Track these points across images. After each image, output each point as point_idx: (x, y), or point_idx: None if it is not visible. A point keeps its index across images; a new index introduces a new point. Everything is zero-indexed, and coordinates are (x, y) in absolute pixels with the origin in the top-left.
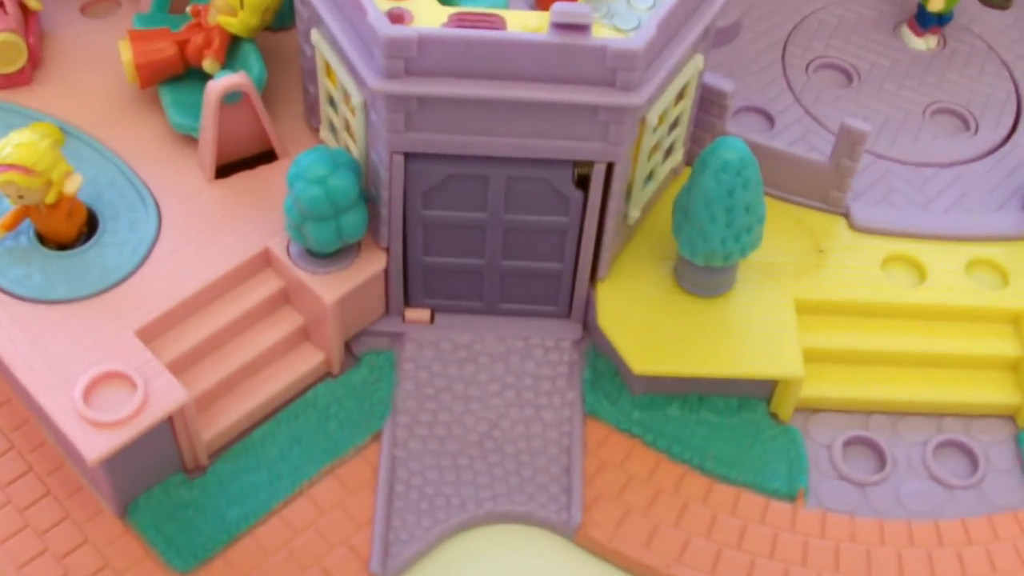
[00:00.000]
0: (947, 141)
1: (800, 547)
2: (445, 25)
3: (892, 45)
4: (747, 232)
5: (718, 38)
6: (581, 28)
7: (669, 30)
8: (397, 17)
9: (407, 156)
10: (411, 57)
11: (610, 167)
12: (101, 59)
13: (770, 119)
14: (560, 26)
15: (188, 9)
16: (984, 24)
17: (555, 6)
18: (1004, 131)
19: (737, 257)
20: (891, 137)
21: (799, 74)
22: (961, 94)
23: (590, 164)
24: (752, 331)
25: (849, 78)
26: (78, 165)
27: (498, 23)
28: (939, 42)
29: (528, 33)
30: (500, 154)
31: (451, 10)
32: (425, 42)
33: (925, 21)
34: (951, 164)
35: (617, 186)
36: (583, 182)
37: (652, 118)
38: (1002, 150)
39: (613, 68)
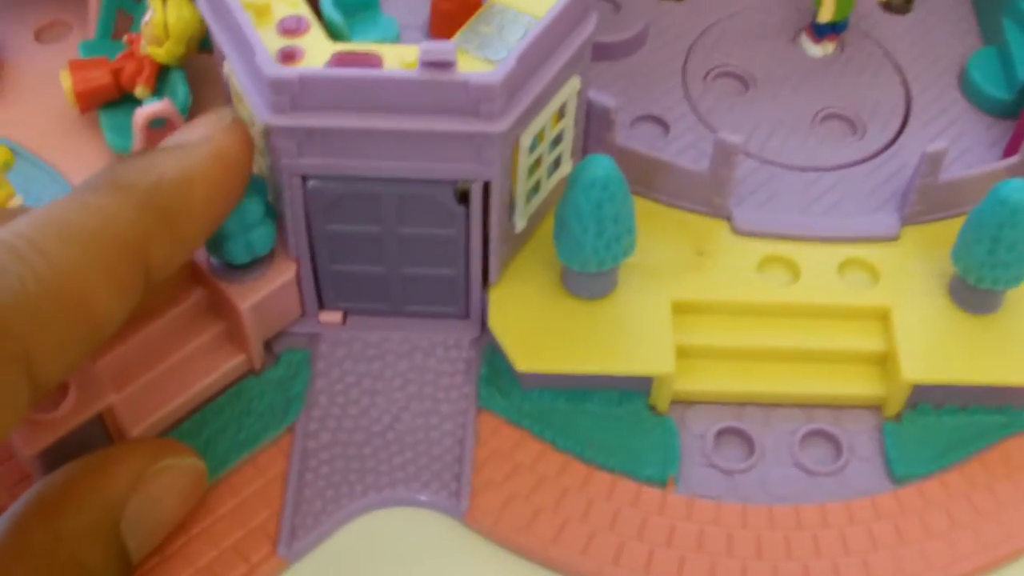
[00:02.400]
0: (833, 146)
1: (667, 530)
2: (327, 64)
3: (791, 52)
4: (617, 241)
5: (623, 48)
6: (446, 65)
7: (531, 62)
8: (289, 55)
9: (304, 177)
10: (295, 94)
11: (487, 184)
12: (53, 83)
13: (666, 127)
14: (427, 64)
15: (124, 38)
16: (882, 29)
17: (422, 45)
18: (890, 135)
19: (610, 264)
20: (779, 142)
21: (698, 82)
22: (852, 99)
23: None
24: (629, 331)
25: (745, 85)
26: (27, 184)
27: (375, 61)
28: (837, 48)
29: (399, 70)
30: (387, 175)
31: (336, 47)
32: (307, 81)
33: (820, 30)
34: (835, 168)
35: (496, 201)
36: (465, 197)
37: (526, 140)
38: (886, 154)
39: (476, 100)
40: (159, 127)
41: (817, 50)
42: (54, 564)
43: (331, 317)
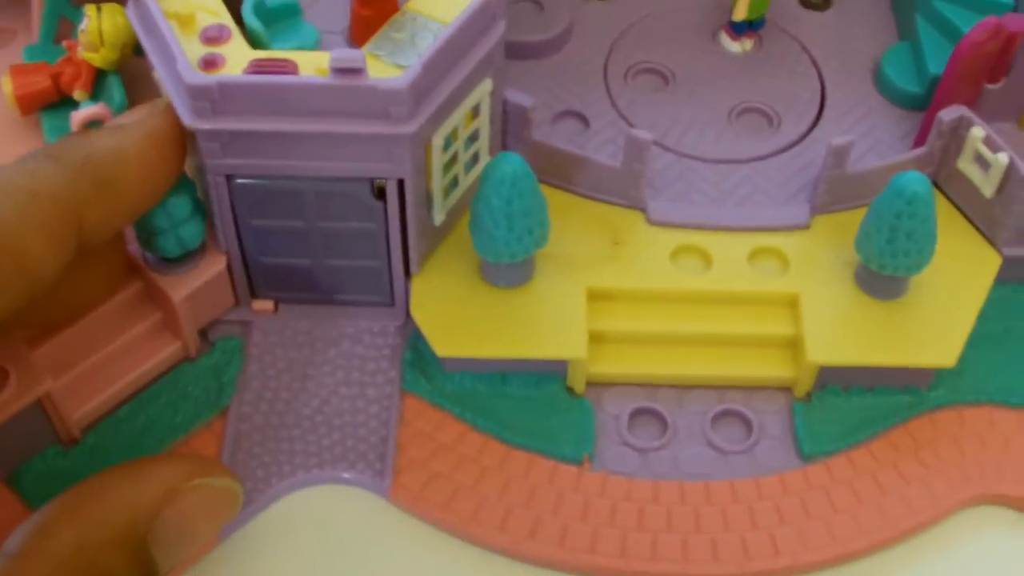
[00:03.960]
0: (748, 139)
1: (581, 505)
2: (245, 71)
3: (711, 49)
4: (528, 234)
5: (547, 47)
6: (356, 72)
7: (438, 67)
8: (210, 63)
9: (228, 176)
10: (215, 100)
11: (401, 181)
12: None
13: (587, 122)
14: (338, 71)
15: (63, 44)
16: (801, 25)
17: (333, 53)
18: (804, 128)
19: (522, 255)
20: (696, 136)
21: (619, 79)
22: (769, 94)
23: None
24: (544, 318)
25: (666, 81)
26: None
27: (290, 68)
28: (755, 44)
29: (312, 76)
30: (307, 174)
31: (255, 54)
32: (225, 88)
33: (738, 27)
34: (750, 160)
35: (412, 197)
36: (382, 194)
37: (438, 140)
38: (799, 146)
39: (384, 104)
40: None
41: (736, 47)
42: (74, 570)
43: (263, 306)
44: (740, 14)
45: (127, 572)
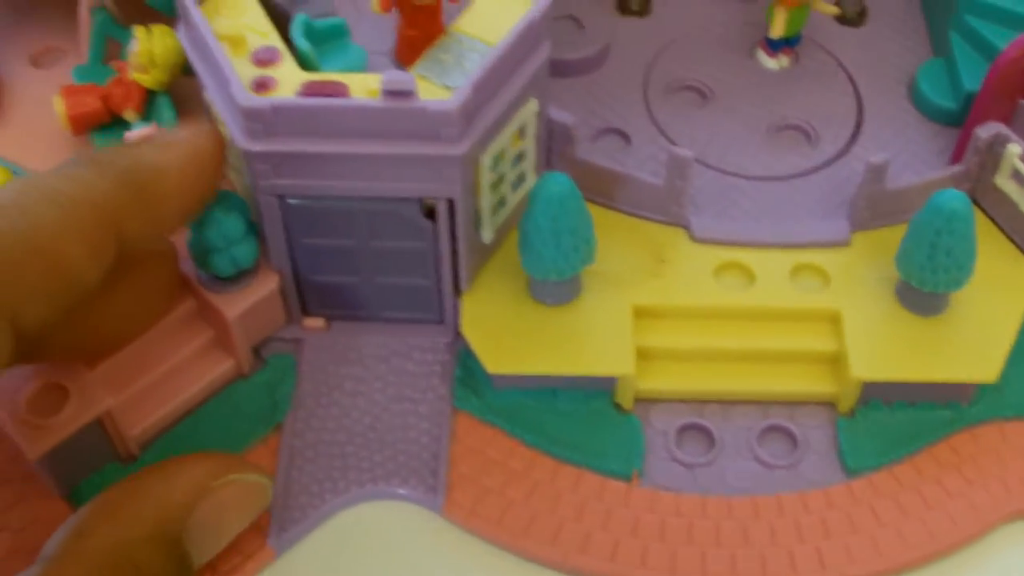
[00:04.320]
0: (787, 155)
1: (631, 521)
2: (298, 93)
3: (747, 65)
4: (575, 252)
5: (587, 65)
6: (406, 94)
7: (486, 88)
8: (262, 84)
9: (280, 197)
10: (268, 121)
11: (451, 201)
12: (49, 106)
13: (628, 139)
14: (389, 93)
15: (113, 65)
16: (837, 42)
17: (384, 75)
18: (842, 144)
19: (569, 273)
20: (736, 153)
21: (659, 96)
22: (806, 110)
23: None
24: (592, 335)
25: (704, 98)
26: None
27: (342, 90)
28: (792, 61)
29: (364, 99)
30: (357, 194)
31: (306, 76)
32: (279, 111)
33: (774, 44)
34: (789, 177)
35: (461, 216)
36: (431, 213)
37: (486, 160)
38: (838, 163)
39: (435, 125)
40: None
41: (772, 63)
42: (112, 567)
43: (314, 323)
44: (777, 31)
45: (163, 566)
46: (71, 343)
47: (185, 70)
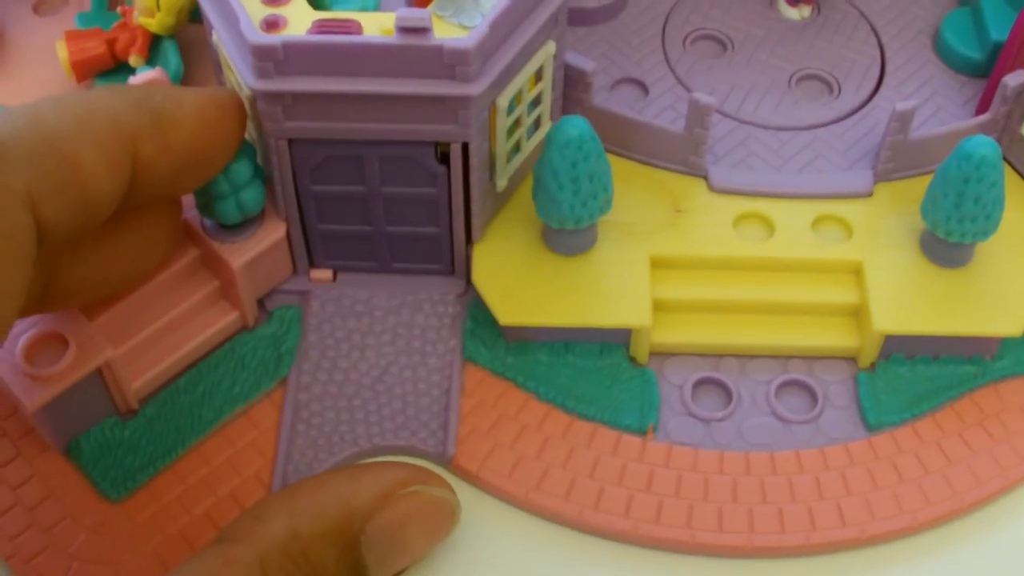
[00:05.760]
0: (809, 106)
1: (646, 476)
2: (309, 31)
3: (769, 15)
4: (593, 199)
5: (605, 13)
6: (422, 31)
7: (504, 27)
8: (272, 23)
9: (290, 141)
10: (279, 60)
11: (465, 145)
12: (51, 54)
13: (645, 89)
14: (404, 30)
15: (118, 9)
16: None
17: (398, 12)
18: (865, 95)
19: (587, 221)
20: (755, 103)
21: (677, 45)
22: (828, 60)
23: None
24: (608, 285)
25: (724, 48)
26: None
27: (354, 28)
28: (813, 11)
29: (378, 36)
30: (369, 138)
31: (317, 15)
32: (289, 48)
33: None
34: (810, 127)
35: (476, 161)
36: (445, 158)
37: (503, 102)
38: (860, 113)
39: (451, 64)
40: None
41: (794, 13)
42: (284, 558)
43: (322, 275)
44: None
45: (336, 567)
46: (72, 285)
47: (192, 16)
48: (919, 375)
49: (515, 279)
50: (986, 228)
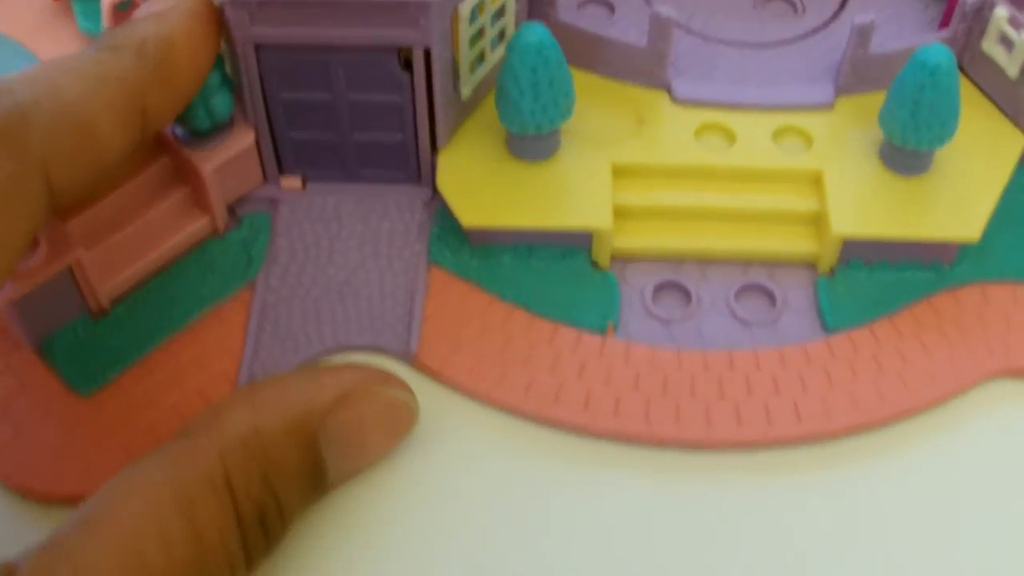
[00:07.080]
0: (773, 25)
1: (604, 372)
2: None
3: None
4: (553, 105)
5: None
6: None
7: None
8: None
9: (257, 47)
10: None
11: (427, 52)
12: None
13: (612, 8)
14: None
15: None
16: None
17: None
18: (828, 15)
19: (547, 127)
20: (721, 21)
21: None
22: None
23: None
24: (570, 189)
25: None
26: (6, 70)
27: None
28: None
29: None
30: (335, 43)
31: None
32: None
33: None
34: (774, 44)
35: (438, 67)
36: (409, 65)
37: (464, 10)
38: (824, 31)
39: None
40: (124, 10)
41: None
42: (244, 451)
43: (291, 183)
44: None
45: (297, 465)
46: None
47: None
48: (878, 280)
49: (479, 183)
50: (942, 135)
